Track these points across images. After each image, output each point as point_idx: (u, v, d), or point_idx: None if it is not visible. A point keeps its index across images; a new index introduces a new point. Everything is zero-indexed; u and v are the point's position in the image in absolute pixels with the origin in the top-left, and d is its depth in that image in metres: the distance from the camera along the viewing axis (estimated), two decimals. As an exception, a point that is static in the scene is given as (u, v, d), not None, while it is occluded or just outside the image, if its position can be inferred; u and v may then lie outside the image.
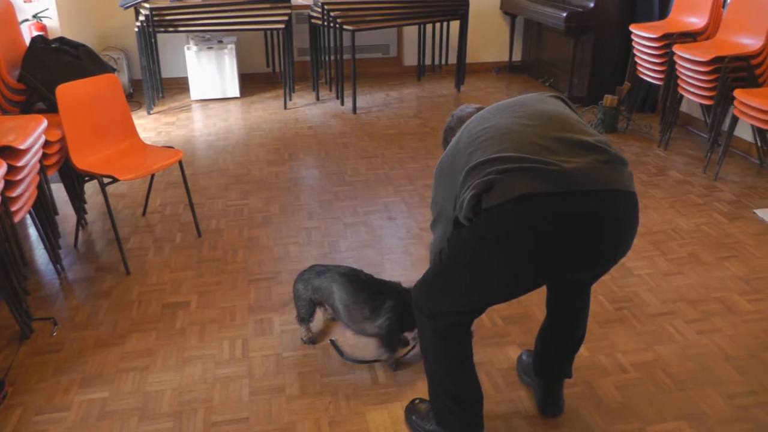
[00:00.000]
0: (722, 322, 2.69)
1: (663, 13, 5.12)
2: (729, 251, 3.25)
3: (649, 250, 3.27)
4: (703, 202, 3.79)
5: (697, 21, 4.55)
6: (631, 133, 4.99)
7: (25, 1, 4.77)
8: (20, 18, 4.15)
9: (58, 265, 3.12)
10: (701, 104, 4.61)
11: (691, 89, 4.20)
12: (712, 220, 3.56)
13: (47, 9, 4.88)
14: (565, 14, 5.36)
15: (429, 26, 6.44)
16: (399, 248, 3.32)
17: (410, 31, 6.66)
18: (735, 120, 3.91)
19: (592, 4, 5.35)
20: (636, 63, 4.86)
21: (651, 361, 2.45)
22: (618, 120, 4.99)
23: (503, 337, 2.62)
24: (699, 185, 4.02)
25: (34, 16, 4.77)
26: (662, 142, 4.68)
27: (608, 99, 4.91)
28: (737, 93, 3.74)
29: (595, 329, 2.64)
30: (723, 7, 4.48)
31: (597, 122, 4.98)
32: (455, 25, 6.10)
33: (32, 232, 3.49)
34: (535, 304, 2.81)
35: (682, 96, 4.43)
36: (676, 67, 4.30)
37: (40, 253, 3.30)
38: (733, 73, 3.93)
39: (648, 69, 4.73)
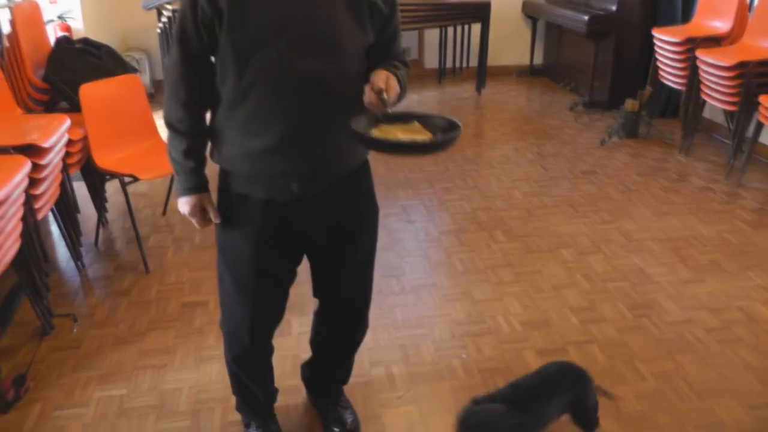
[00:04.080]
0: (744, 331, 2.65)
1: (686, 17, 5.05)
2: (752, 260, 3.20)
3: (669, 256, 3.23)
4: (725, 209, 3.74)
5: (721, 25, 4.49)
6: (652, 138, 4.94)
7: (50, 2, 4.83)
8: (45, 19, 4.20)
9: (78, 263, 3.15)
10: (724, 110, 4.55)
11: (714, 95, 4.15)
12: (735, 228, 3.52)
13: (72, 10, 4.94)
14: (586, 17, 5.32)
15: (450, 29, 6.42)
16: (418, 251, 3.31)
17: (431, 34, 6.65)
18: (759, 126, 3.85)
19: (614, 7, 5.31)
20: (658, 67, 4.81)
21: (671, 370, 2.42)
22: (639, 125, 4.94)
23: (521, 342, 2.60)
24: (721, 192, 3.97)
25: (59, 17, 4.83)
26: (684, 147, 4.63)
27: (630, 103, 4.87)
28: (762, 99, 3.69)
29: (614, 336, 2.62)
30: (749, 10, 4.42)
31: (618, 127, 4.94)
32: (476, 28, 6.08)
33: (54, 229, 3.53)
34: (552, 309, 2.80)
35: (704, 101, 4.38)
36: (699, 72, 4.24)
37: (61, 251, 3.34)
38: (758, 78, 3.86)
39: (670, 74, 4.68)
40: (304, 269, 1.89)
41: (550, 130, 5.18)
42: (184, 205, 1.72)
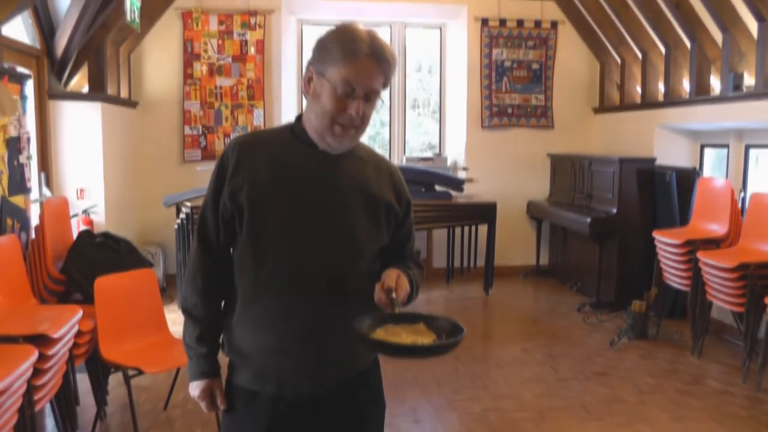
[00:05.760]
0: None
1: (684, 220, 5.20)
2: (780, 470, 3.02)
3: (692, 465, 3.06)
4: (748, 414, 3.60)
5: (717, 228, 4.62)
6: (662, 339, 4.89)
7: (78, 198, 5.10)
8: (72, 212, 4.41)
9: (70, 460, 3.01)
10: (732, 311, 4.54)
11: (720, 296, 4.17)
12: (759, 435, 3.36)
13: (97, 204, 5.19)
14: (588, 219, 5.52)
15: (458, 229, 6.64)
16: (425, 454, 3.16)
17: (439, 234, 6.86)
18: (769, 328, 3.82)
19: (614, 210, 5.53)
20: (662, 269, 4.89)
21: None
22: (648, 326, 4.92)
23: None
24: (741, 396, 3.84)
25: (84, 212, 5.07)
26: (695, 349, 4.55)
27: (637, 305, 4.88)
28: (768, 300, 3.70)
29: None
30: (741, 215, 4.58)
31: (626, 328, 4.91)
32: (483, 228, 6.28)
33: (49, 422, 3.41)
34: None
35: (711, 302, 4.39)
36: (702, 273, 4.30)
37: (54, 447, 3.20)
38: (761, 280, 3.91)
39: (674, 275, 4.75)
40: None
41: (559, 330, 5.15)
42: (194, 389, 1.72)
